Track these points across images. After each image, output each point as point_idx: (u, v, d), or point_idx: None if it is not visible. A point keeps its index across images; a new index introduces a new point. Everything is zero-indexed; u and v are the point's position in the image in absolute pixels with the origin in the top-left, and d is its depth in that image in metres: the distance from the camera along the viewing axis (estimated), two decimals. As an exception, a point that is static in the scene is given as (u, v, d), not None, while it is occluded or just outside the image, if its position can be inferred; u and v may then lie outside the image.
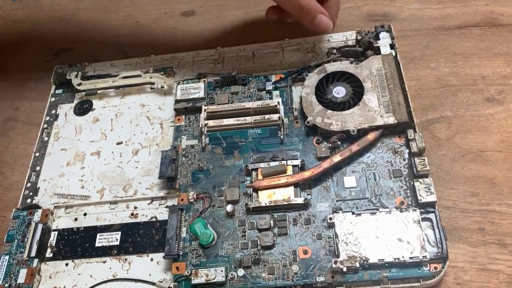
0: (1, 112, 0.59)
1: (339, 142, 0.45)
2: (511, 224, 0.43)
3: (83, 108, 0.54)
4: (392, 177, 0.43)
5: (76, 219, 0.47)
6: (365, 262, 0.39)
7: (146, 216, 0.46)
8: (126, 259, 0.44)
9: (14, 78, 0.62)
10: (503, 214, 0.43)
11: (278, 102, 0.48)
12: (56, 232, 0.47)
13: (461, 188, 0.45)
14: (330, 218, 0.42)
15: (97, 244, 0.45)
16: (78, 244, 0.46)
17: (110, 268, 0.44)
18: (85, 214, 0.47)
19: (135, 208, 0.47)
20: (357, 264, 0.39)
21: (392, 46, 0.49)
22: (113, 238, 0.46)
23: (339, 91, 0.47)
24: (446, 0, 0.58)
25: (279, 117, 0.48)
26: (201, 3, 0.64)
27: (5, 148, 0.56)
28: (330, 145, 0.45)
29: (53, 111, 0.55)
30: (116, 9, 0.66)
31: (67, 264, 0.45)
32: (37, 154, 0.52)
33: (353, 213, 0.41)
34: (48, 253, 0.46)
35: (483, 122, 0.48)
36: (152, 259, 0.44)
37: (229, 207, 0.44)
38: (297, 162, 0.45)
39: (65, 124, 0.53)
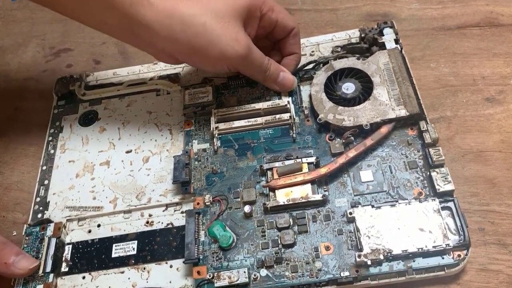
0: (1, 112, 0.58)
1: (352, 138, 0.45)
2: (511, 224, 0.43)
3: (88, 119, 0.54)
4: (408, 168, 0.44)
5: (90, 231, 0.46)
6: (389, 254, 0.39)
7: (162, 223, 0.46)
8: (144, 268, 0.44)
9: (14, 78, 0.61)
10: (503, 214, 0.43)
11: (288, 101, 0.48)
12: (71, 246, 0.46)
13: (461, 188, 0.45)
14: (350, 213, 0.42)
15: (113, 255, 0.45)
16: (94, 256, 0.45)
17: (129, 278, 0.43)
18: (98, 226, 0.47)
19: (150, 215, 0.46)
20: (381, 257, 0.39)
21: (396, 41, 0.50)
22: (130, 248, 0.45)
23: (348, 87, 0.47)
24: (446, 0, 0.58)
25: (290, 116, 0.48)
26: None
27: (5, 148, 0.55)
28: (343, 140, 0.45)
29: (57, 123, 0.54)
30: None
31: (84, 277, 0.44)
32: (44, 168, 0.51)
33: (372, 206, 0.42)
34: (64, 267, 0.45)
35: (483, 122, 0.49)
36: (171, 266, 0.43)
37: (247, 208, 0.43)
38: (312, 159, 0.45)
39: (70, 135, 0.53)
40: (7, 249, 0.43)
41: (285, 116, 0.48)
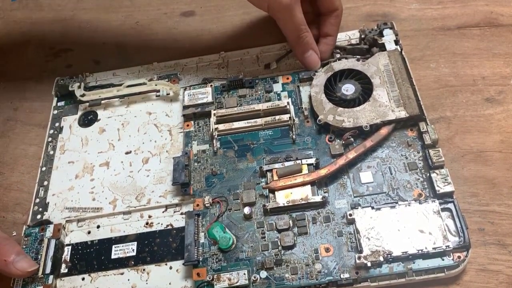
0: (0, 112, 0.58)
1: (352, 139, 0.45)
2: (511, 225, 0.43)
3: (87, 119, 0.54)
4: (408, 170, 0.44)
5: (89, 232, 0.46)
6: (389, 255, 0.39)
7: (162, 224, 0.46)
8: (144, 269, 0.44)
9: (14, 78, 0.61)
10: (503, 214, 0.43)
11: (288, 102, 0.48)
12: (70, 247, 0.46)
13: (461, 189, 0.44)
14: (350, 214, 0.42)
15: (113, 256, 0.45)
16: (93, 257, 0.45)
17: (128, 280, 0.43)
18: (98, 227, 0.46)
19: (150, 217, 0.46)
20: (381, 258, 0.39)
21: (396, 42, 0.50)
22: (129, 249, 0.45)
23: (348, 89, 0.47)
24: (446, 0, 0.58)
25: (289, 117, 0.48)
26: (201, 4, 0.64)
27: (4, 149, 0.55)
28: (343, 142, 0.45)
29: (57, 124, 0.54)
30: (116, 9, 0.66)
31: (83, 279, 0.44)
32: (43, 169, 0.51)
33: (372, 208, 0.42)
34: (63, 269, 0.44)
35: (483, 122, 0.48)
36: (171, 267, 0.43)
37: (246, 210, 0.43)
38: (312, 160, 0.45)
39: (70, 136, 0.53)
40: (8, 246, 0.43)
41: (285, 117, 0.48)
